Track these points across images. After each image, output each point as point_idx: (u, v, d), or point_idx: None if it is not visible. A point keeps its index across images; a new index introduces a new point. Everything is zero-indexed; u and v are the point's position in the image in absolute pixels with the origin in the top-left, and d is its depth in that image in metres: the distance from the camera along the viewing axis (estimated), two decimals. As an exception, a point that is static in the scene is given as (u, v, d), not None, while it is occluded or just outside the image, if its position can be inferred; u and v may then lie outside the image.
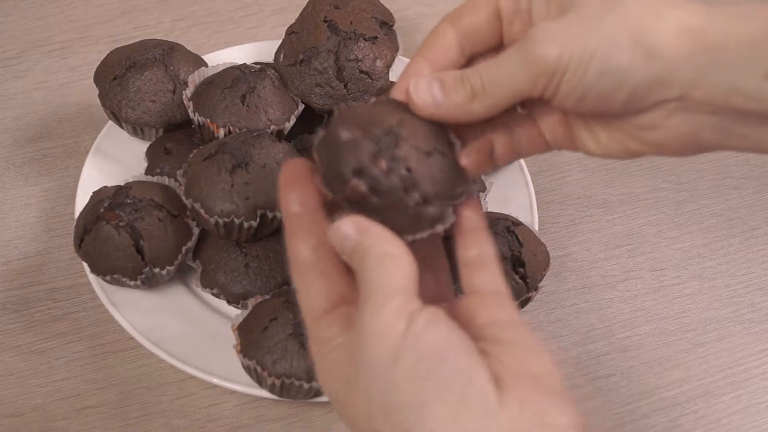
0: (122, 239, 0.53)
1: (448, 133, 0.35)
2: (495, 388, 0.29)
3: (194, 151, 0.57)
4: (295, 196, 0.35)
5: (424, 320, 0.30)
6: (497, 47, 0.37)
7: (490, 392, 0.29)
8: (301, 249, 0.34)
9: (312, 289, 0.34)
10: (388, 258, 0.31)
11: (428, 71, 0.36)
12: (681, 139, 0.33)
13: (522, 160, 0.66)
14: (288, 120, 0.60)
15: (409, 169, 0.33)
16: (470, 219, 0.37)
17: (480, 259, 0.36)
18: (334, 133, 0.34)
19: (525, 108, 0.37)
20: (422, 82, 0.34)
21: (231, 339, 0.54)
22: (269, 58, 0.67)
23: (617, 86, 0.32)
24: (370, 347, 0.30)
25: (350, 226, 0.32)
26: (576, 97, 0.32)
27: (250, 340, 0.50)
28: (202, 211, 0.54)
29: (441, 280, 0.37)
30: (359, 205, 0.33)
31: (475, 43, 0.36)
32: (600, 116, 0.34)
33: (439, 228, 0.34)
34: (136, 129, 0.62)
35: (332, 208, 0.34)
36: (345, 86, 0.60)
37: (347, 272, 0.34)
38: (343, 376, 0.32)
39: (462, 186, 0.35)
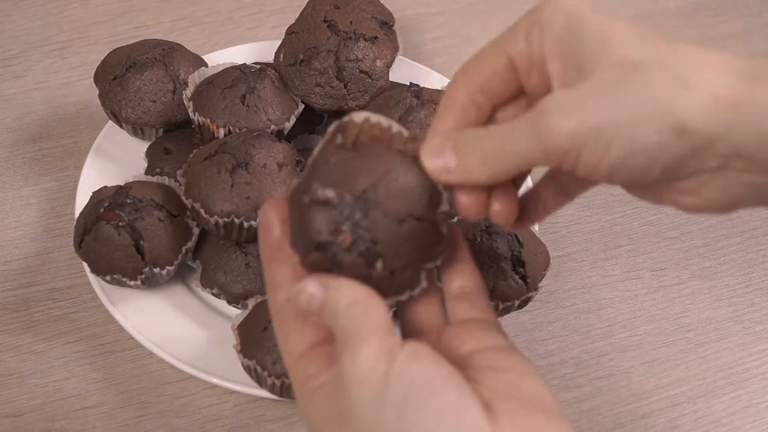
0: (122, 239, 0.53)
1: (436, 184, 0.33)
2: (486, 416, 0.29)
3: (194, 151, 0.57)
4: (272, 241, 0.34)
5: (405, 356, 0.29)
6: (518, 95, 0.34)
7: (482, 421, 0.28)
8: (278, 294, 0.35)
9: (290, 332, 0.34)
10: (356, 305, 0.31)
11: (442, 132, 0.33)
12: (719, 205, 0.31)
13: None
14: (288, 120, 0.60)
15: (374, 242, 0.32)
16: (456, 253, 0.36)
17: (465, 291, 0.36)
18: (304, 190, 0.33)
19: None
20: (433, 146, 0.33)
21: (231, 339, 0.54)
22: (269, 58, 0.67)
23: (647, 165, 0.28)
24: (355, 392, 0.29)
25: (314, 286, 0.32)
26: (600, 175, 0.29)
27: (250, 340, 0.50)
28: (202, 211, 0.54)
29: (432, 309, 0.37)
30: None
31: (491, 97, 0.33)
32: (630, 186, 0.32)
33: (407, 295, 0.34)
34: (136, 129, 0.62)
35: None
36: (345, 86, 0.60)
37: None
38: (330, 419, 0.31)
39: (437, 250, 0.34)
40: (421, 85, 0.60)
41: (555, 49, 0.30)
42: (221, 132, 0.58)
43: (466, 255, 0.37)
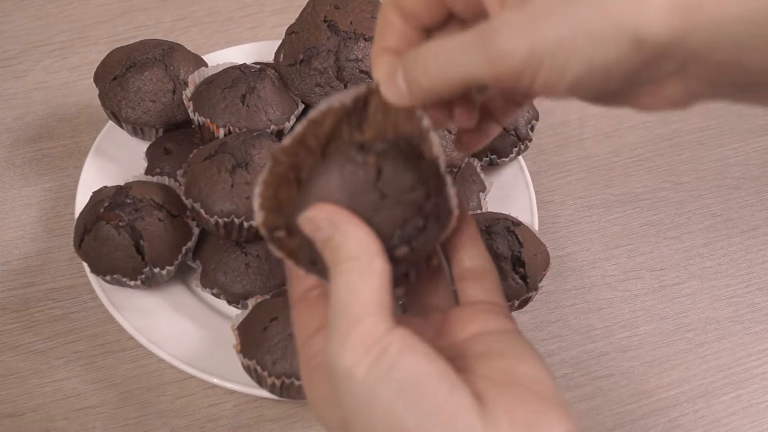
0: (122, 239, 0.53)
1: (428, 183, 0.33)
2: (479, 412, 0.28)
3: (194, 151, 0.57)
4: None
5: (396, 348, 0.29)
6: (448, 22, 0.33)
7: (476, 418, 0.28)
8: (301, 284, 0.35)
9: (303, 318, 0.34)
10: (357, 265, 0.30)
11: (386, 58, 0.33)
12: (674, 103, 0.30)
13: (522, 160, 0.66)
14: (288, 120, 0.60)
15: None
16: (464, 234, 0.36)
17: (473, 271, 0.36)
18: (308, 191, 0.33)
19: None
20: (384, 74, 0.32)
21: (231, 339, 0.54)
22: (269, 58, 0.67)
23: (606, 79, 0.28)
24: (343, 379, 0.29)
25: (324, 218, 0.31)
26: (557, 93, 0.28)
27: (250, 340, 0.50)
28: (202, 211, 0.54)
29: (440, 289, 0.37)
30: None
31: (421, 22, 0.33)
32: (587, 98, 0.31)
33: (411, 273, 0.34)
34: (136, 129, 0.62)
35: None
36: (345, 86, 0.60)
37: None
38: (327, 401, 0.31)
39: (447, 225, 0.34)
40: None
41: None
42: (221, 132, 0.58)
43: (475, 234, 0.36)
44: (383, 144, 0.33)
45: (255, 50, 0.71)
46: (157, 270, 0.54)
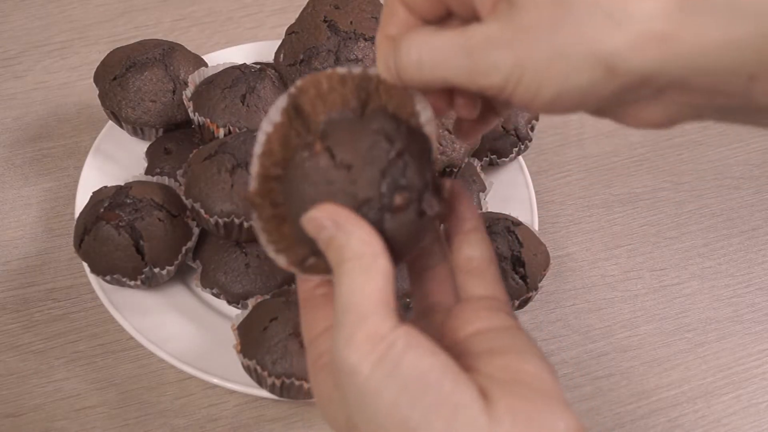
0: (122, 239, 0.53)
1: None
2: (484, 406, 0.28)
3: (194, 151, 0.57)
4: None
5: (401, 345, 0.29)
6: (448, 17, 0.33)
7: (479, 412, 0.28)
8: (303, 283, 0.35)
9: (311, 317, 0.35)
10: (361, 264, 0.30)
11: (388, 41, 0.33)
12: (656, 123, 0.30)
13: (522, 160, 0.66)
14: (288, 120, 0.60)
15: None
16: (465, 220, 0.36)
17: (475, 263, 0.36)
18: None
19: None
20: (382, 54, 0.33)
21: (231, 339, 0.54)
22: (269, 58, 0.67)
23: (581, 100, 0.28)
24: (349, 377, 0.29)
25: (327, 218, 0.31)
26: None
27: (250, 340, 0.50)
28: (202, 211, 0.54)
29: (442, 285, 0.37)
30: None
31: (422, 17, 0.33)
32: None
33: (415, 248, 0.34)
34: (136, 129, 0.62)
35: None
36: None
37: None
38: (333, 398, 0.32)
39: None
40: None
41: None
42: (221, 132, 0.58)
43: (476, 222, 0.36)
44: (323, 124, 0.33)
45: (255, 50, 0.71)
46: (157, 270, 0.54)
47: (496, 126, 0.63)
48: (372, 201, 0.32)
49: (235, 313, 0.56)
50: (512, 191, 0.65)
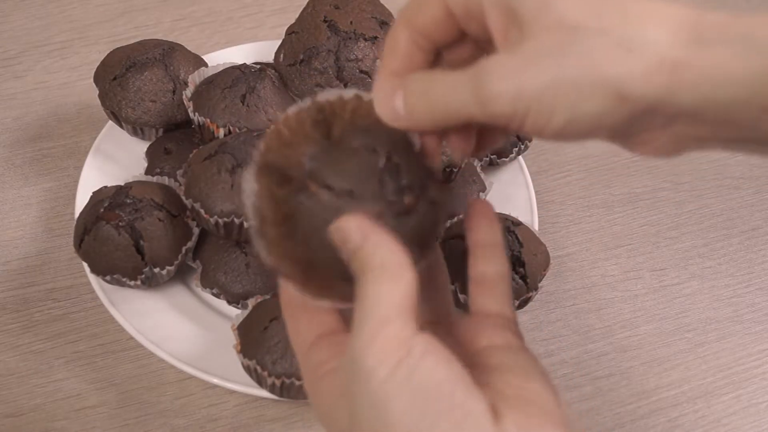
0: (122, 239, 0.53)
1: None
2: (492, 418, 0.28)
3: (194, 151, 0.57)
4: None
5: (419, 351, 0.29)
6: (463, 38, 0.33)
7: (488, 423, 0.28)
8: (287, 295, 0.35)
9: (301, 322, 0.34)
10: (387, 273, 0.30)
11: (389, 79, 0.33)
12: (667, 153, 0.31)
13: (522, 160, 0.66)
14: (288, 120, 0.60)
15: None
16: (486, 233, 0.36)
17: (490, 277, 0.36)
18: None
19: None
20: (383, 95, 0.32)
21: (231, 339, 0.54)
22: (269, 58, 0.67)
23: (592, 129, 0.28)
24: (364, 380, 0.29)
25: (354, 230, 0.31)
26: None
27: (250, 340, 0.50)
28: (202, 211, 0.54)
29: (440, 298, 0.37)
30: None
31: (434, 41, 0.33)
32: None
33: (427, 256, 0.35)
34: (136, 129, 0.62)
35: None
36: (345, 86, 0.60)
37: (335, 309, 0.34)
38: (338, 403, 0.31)
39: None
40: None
41: (492, 1, 0.30)
42: (221, 132, 0.58)
43: (495, 235, 0.36)
44: (306, 164, 0.33)
45: (255, 50, 0.71)
46: (157, 270, 0.54)
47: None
48: (385, 212, 0.32)
49: (235, 313, 0.56)
50: (512, 191, 0.65)
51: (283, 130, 0.34)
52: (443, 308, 0.37)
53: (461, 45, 0.34)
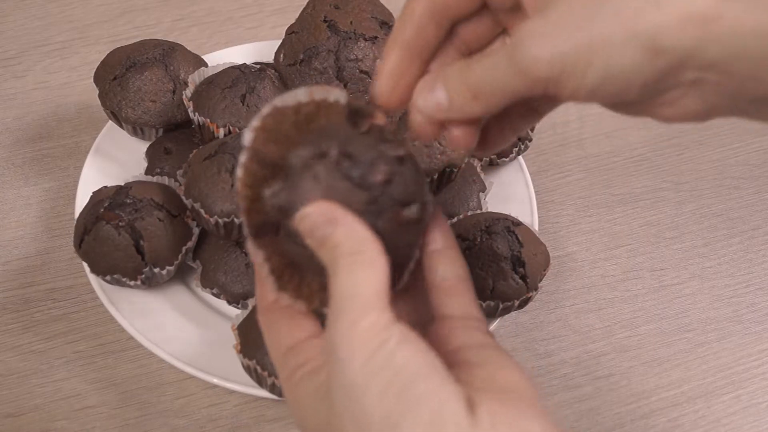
0: (122, 239, 0.53)
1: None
2: (467, 407, 0.29)
3: (194, 151, 0.57)
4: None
5: (395, 340, 0.29)
6: (478, 13, 0.34)
7: (462, 411, 0.28)
8: (267, 294, 0.35)
9: (279, 328, 0.34)
10: (359, 260, 0.30)
11: (415, 70, 0.33)
12: (694, 115, 0.31)
13: (522, 160, 0.66)
14: (288, 120, 0.60)
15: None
16: (439, 241, 0.36)
17: (449, 282, 0.35)
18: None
19: None
20: (425, 90, 0.33)
21: (231, 339, 0.54)
22: (269, 58, 0.67)
23: (626, 85, 0.29)
24: (341, 369, 0.29)
25: (320, 216, 0.31)
26: (581, 97, 0.30)
27: (250, 340, 0.50)
28: (202, 211, 0.54)
29: (418, 303, 0.36)
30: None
31: (451, 13, 0.33)
32: (612, 105, 0.32)
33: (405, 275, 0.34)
34: (136, 129, 0.62)
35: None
36: (345, 86, 0.60)
37: (312, 314, 0.34)
38: (315, 406, 0.31)
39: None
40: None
41: None
42: (221, 132, 0.58)
43: (450, 240, 0.36)
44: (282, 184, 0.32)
45: (255, 50, 0.71)
46: (157, 270, 0.54)
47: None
48: (363, 204, 0.31)
49: (235, 313, 0.56)
50: (512, 191, 0.65)
51: (250, 167, 0.33)
52: (421, 313, 0.36)
53: (478, 19, 0.34)
